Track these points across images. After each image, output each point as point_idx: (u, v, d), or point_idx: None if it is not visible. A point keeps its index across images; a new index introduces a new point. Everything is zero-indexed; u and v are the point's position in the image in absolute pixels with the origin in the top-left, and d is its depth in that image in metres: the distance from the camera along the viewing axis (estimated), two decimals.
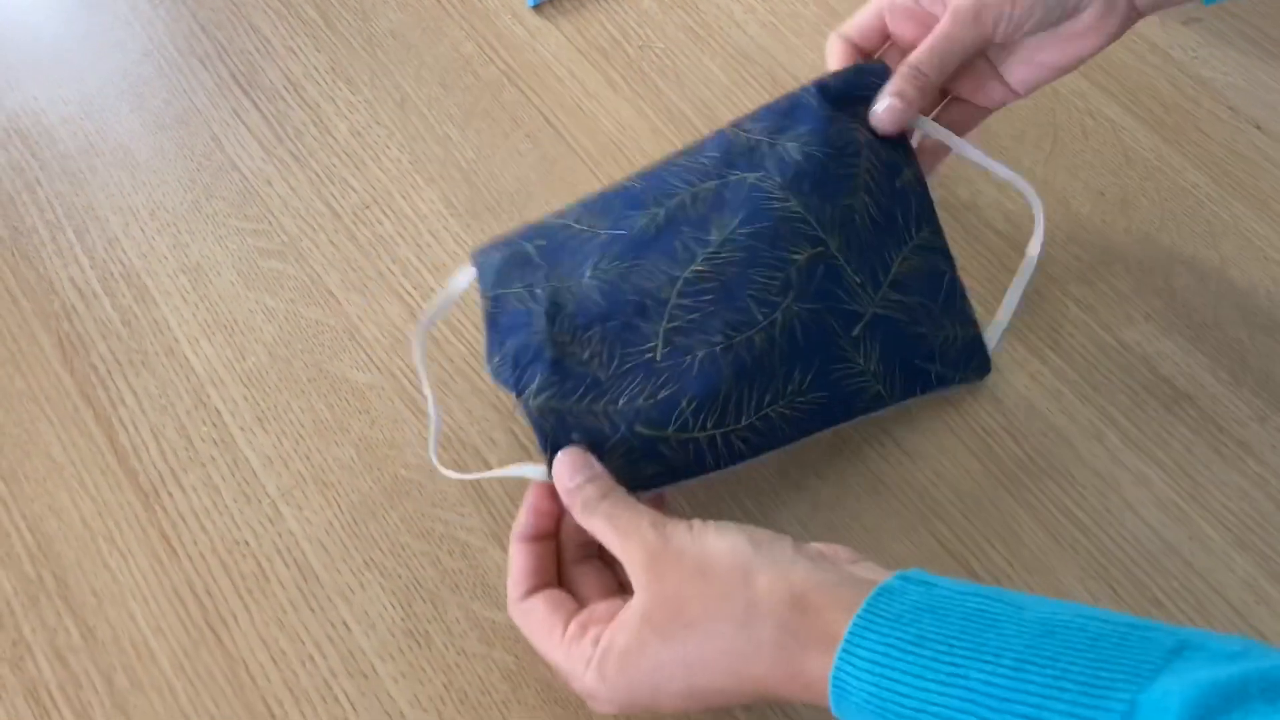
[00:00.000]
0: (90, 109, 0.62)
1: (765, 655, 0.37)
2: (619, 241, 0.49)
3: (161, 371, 0.53)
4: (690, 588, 0.39)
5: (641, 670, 0.39)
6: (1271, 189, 0.59)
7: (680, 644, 0.38)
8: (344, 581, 0.48)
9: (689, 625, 0.38)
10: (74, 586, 0.47)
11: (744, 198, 0.49)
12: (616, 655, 0.39)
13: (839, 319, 0.48)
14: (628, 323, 0.47)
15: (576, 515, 0.43)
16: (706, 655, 0.38)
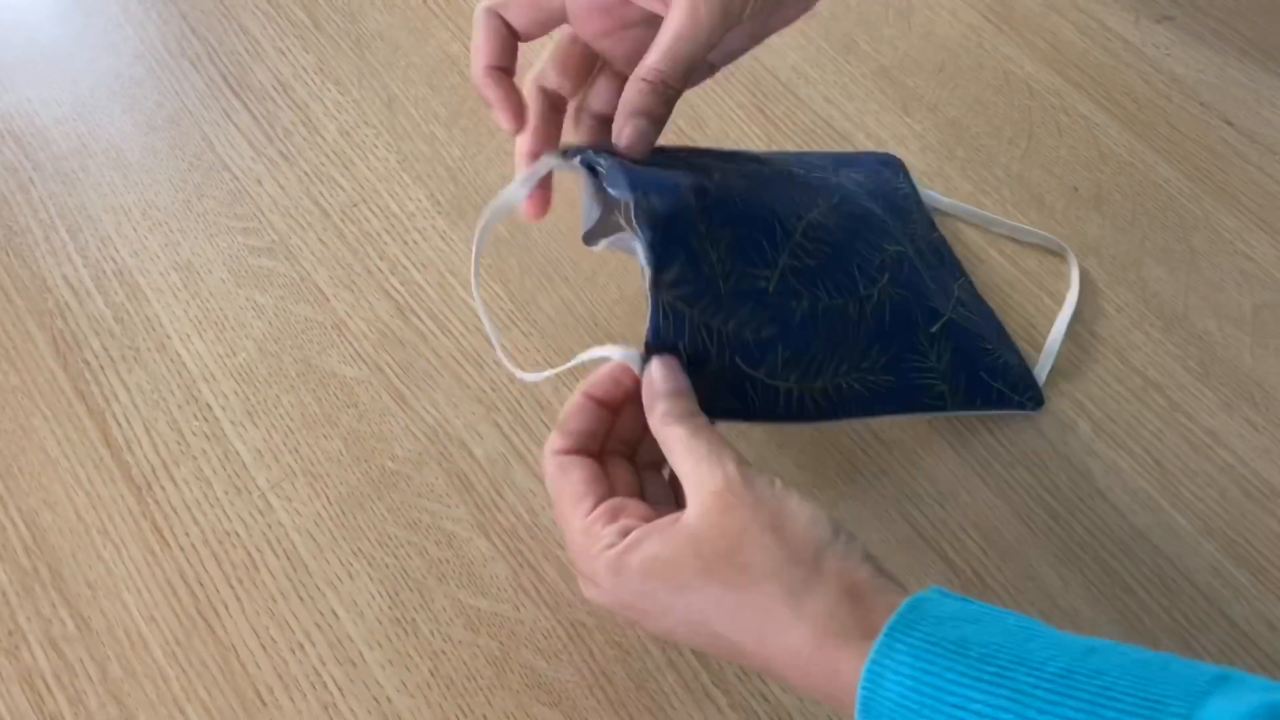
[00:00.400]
0: (83, 110, 0.63)
1: (804, 631, 0.35)
2: (735, 175, 0.47)
3: (153, 367, 0.54)
4: (757, 535, 0.36)
5: (665, 588, 0.37)
6: (1241, 184, 0.61)
7: (721, 584, 0.36)
8: (332, 571, 0.49)
9: (740, 569, 0.36)
10: (68, 578, 0.48)
11: (834, 187, 0.51)
12: (644, 559, 0.37)
13: (923, 312, 0.49)
14: (755, 238, 0.44)
15: (655, 419, 0.40)
16: (744, 606, 0.36)
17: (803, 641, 0.35)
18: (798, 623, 0.35)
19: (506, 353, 0.44)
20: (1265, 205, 0.60)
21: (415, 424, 0.52)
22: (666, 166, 0.45)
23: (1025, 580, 0.49)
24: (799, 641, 0.35)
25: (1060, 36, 0.67)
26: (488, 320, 0.46)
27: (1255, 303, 0.57)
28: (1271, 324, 0.56)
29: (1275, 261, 0.58)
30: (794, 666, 0.36)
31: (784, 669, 0.36)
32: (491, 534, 0.49)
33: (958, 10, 0.68)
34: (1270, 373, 0.54)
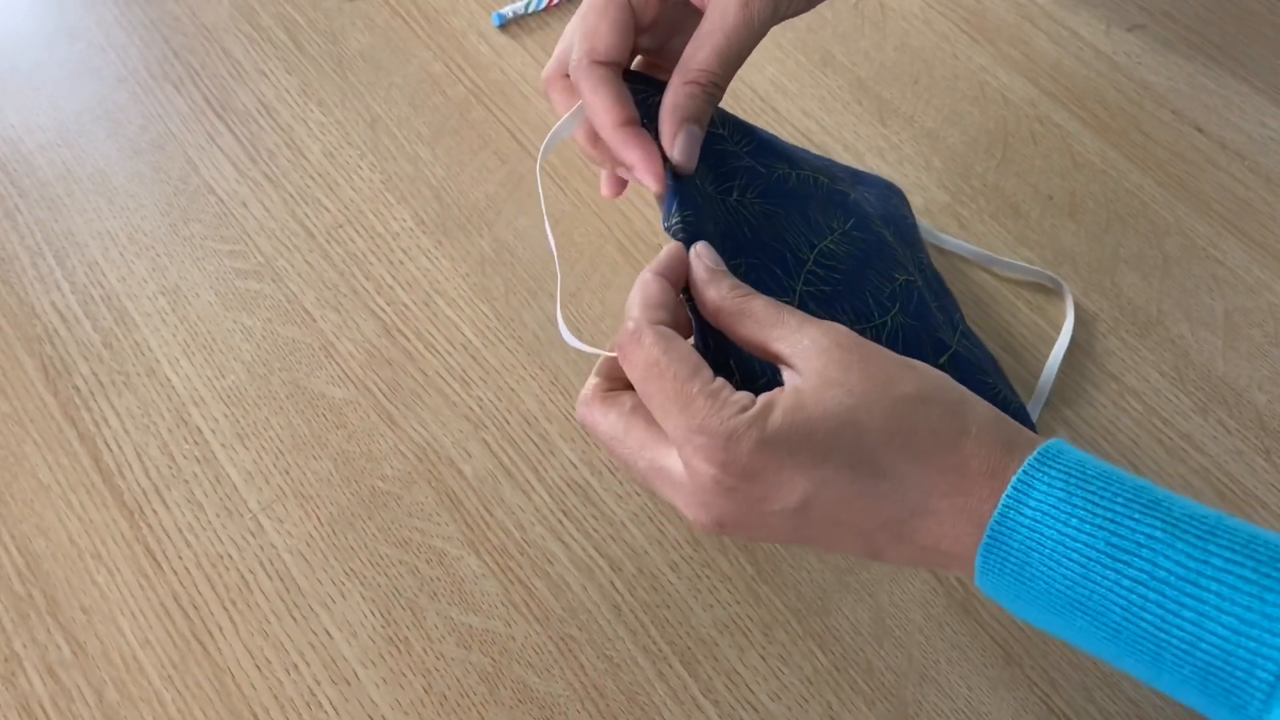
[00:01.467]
0: (67, 136, 0.63)
1: (972, 439, 0.34)
2: (761, 178, 0.47)
3: (143, 391, 0.55)
4: (899, 370, 0.35)
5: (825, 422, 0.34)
6: (1212, 190, 0.62)
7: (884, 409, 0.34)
8: (325, 591, 0.49)
9: (901, 398, 0.34)
10: (63, 603, 0.49)
11: (851, 207, 0.51)
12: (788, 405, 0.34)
13: (931, 343, 0.49)
14: (768, 268, 0.45)
15: (725, 294, 0.37)
16: (913, 426, 0.34)
17: (972, 452, 0.34)
18: (966, 436, 0.34)
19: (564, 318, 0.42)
20: (1235, 211, 0.61)
21: (404, 443, 0.53)
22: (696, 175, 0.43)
23: None
24: (969, 454, 0.34)
25: (1033, 46, 0.68)
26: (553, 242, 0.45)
27: (1226, 307, 0.58)
28: (1242, 328, 0.57)
29: (1245, 266, 0.59)
30: (959, 488, 0.33)
31: (943, 498, 0.34)
32: (482, 551, 0.50)
33: (932, 20, 0.69)
34: (1241, 375, 0.55)
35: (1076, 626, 0.32)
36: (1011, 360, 0.56)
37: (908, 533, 0.34)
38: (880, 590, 0.49)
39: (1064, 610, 0.32)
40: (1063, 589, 0.32)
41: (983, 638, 0.48)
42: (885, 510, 0.34)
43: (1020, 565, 0.32)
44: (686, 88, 0.41)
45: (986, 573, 0.33)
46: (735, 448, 0.34)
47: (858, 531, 0.35)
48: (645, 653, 0.48)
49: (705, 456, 0.34)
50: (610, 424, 0.38)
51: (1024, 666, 0.48)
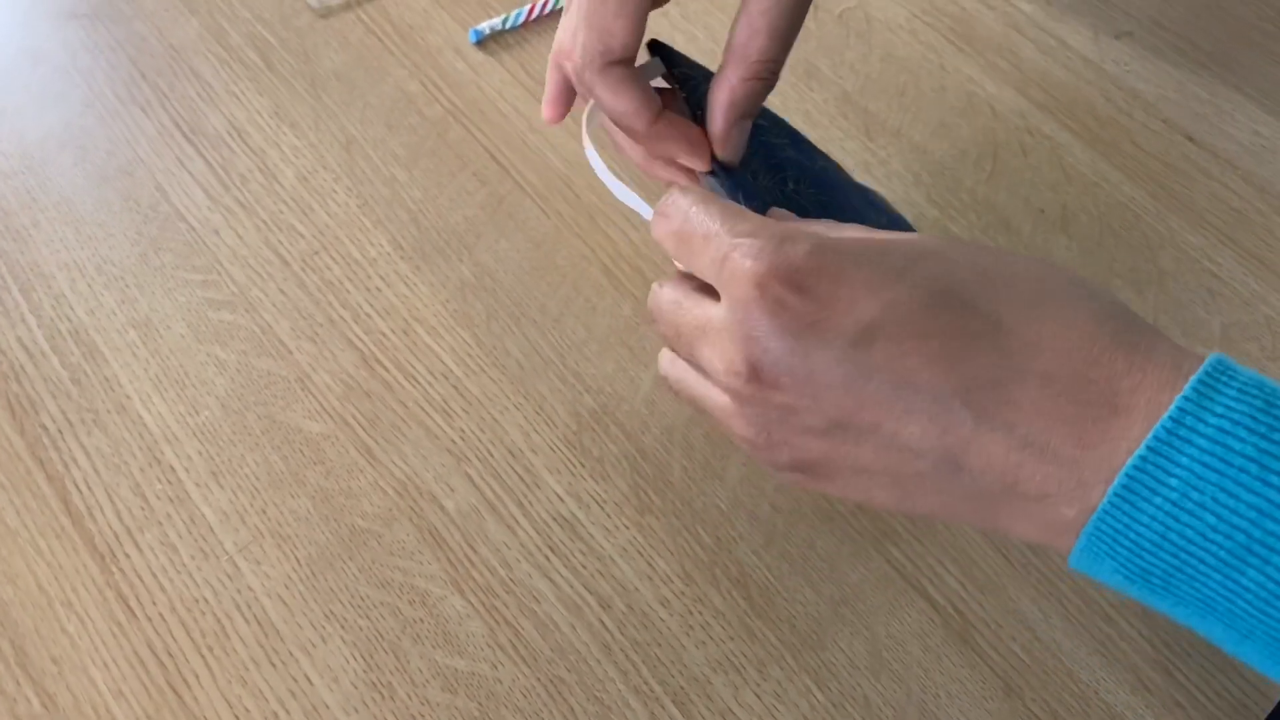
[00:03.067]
0: (31, 163, 0.62)
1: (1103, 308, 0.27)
2: (807, 170, 0.45)
3: (114, 430, 0.53)
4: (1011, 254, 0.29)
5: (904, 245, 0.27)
6: (1205, 201, 0.61)
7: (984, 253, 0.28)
8: (305, 636, 0.48)
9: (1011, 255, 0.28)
10: (32, 654, 0.47)
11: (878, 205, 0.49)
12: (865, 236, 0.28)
13: None
14: None
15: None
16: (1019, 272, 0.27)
17: (1101, 318, 0.26)
18: (1090, 300, 0.26)
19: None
20: (1229, 221, 0.60)
21: (384, 479, 0.51)
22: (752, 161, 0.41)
23: (1005, 614, 0.49)
24: (1093, 316, 0.26)
25: (1021, 55, 0.67)
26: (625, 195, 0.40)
27: (1223, 321, 0.57)
28: (1239, 342, 0.56)
29: (1240, 279, 0.58)
30: (1080, 348, 0.26)
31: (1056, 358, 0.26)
32: (466, 591, 0.49)
33: (918, 31, 0.68)
34: None
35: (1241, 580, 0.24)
36: None
37: (1003, 407, 0.26)
38: (876, 622, 0.48)
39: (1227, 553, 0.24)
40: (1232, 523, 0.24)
41: (982, 669, 0.47)
42: (972, 361, 0.26)
43: (1184, 493, 0.24)
44: (748, 83, 0.36)
45: (1128, 497, 0.25)
46: (789, 248, 0.27)
47: (931, 398, 0.26)
48: (637, 694, 0.46)
49: (752, 260, 0.28)
50: (668, 294, 0.33)
51: (1025, 698, 0.47)
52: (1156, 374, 0.25)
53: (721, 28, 0.68)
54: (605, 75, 0.37)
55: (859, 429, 0.27)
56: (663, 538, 0.50)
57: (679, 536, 0.50)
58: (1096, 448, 0.25)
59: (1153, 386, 0.25)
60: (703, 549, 0.50)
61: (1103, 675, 0.47)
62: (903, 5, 0.69)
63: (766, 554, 0.50)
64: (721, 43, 0.67)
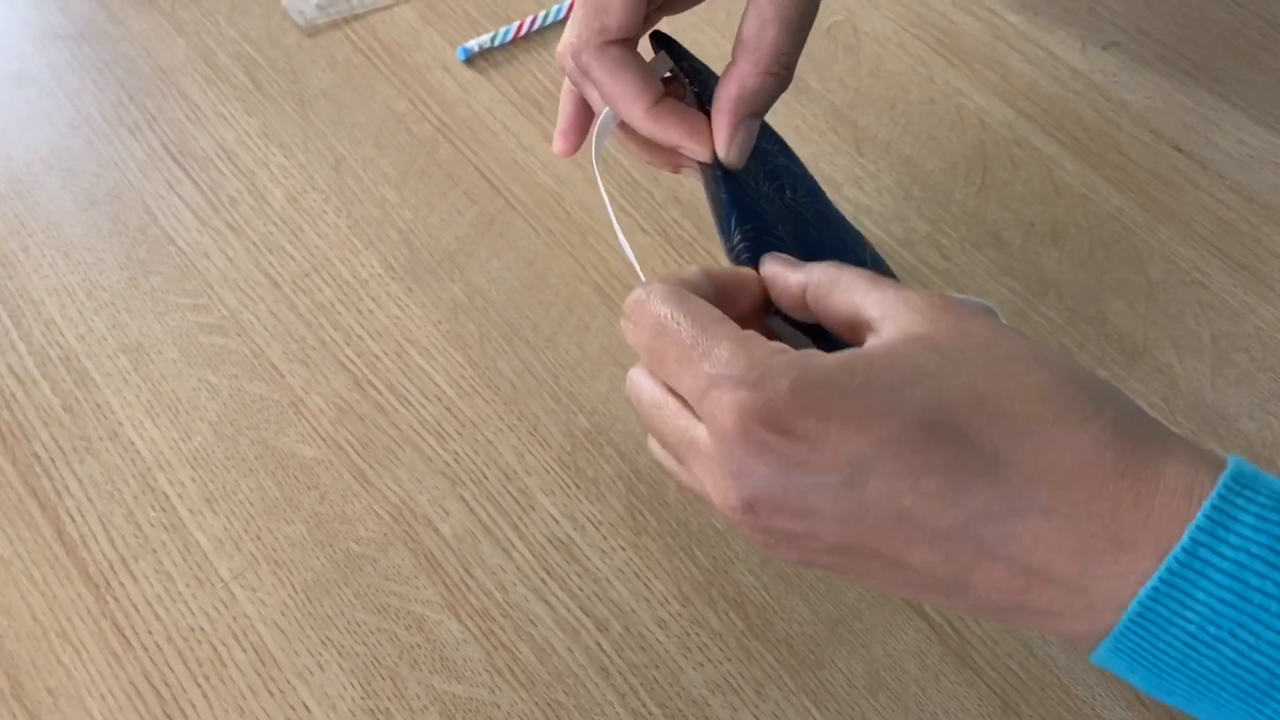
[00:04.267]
0: (19, 187, 0.61)
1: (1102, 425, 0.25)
2: (800, 178, 0.43)
3: (106, 457, 0.53)
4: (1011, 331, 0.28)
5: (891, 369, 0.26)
6: (1194, 211, 0.61)
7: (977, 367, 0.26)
8: (302, 663, 0.48)
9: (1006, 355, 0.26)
10: (28, 686, 0.47)
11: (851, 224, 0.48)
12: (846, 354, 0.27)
13: None
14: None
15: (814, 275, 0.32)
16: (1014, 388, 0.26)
17: (1104, 440, 0.25)
18: (1095, 417, 0.25)
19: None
20: (1218, 232, 0.60)
21: (378, 503, 0.51)
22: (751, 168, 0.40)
23: (1002, 632, 0.49)
24: (1096, 440, 0.25)
25: (1009, 67, 0.67)
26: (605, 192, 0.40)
27: (1213, 333, 0.57)
28: (1229, 354, 0.56)
29: (1230, 289, 0.58)
30: (1081, 481, 0.25)
31: (1056, 491, 0.25)
32: (462, 615, 0.49)
33: (906, 44, 0.68)
34: (1231, 404, 0.55)
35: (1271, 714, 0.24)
36: None
37: (1003, 541, 0.25)
38: (874, 641, 0.48)
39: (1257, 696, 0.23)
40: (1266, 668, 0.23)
41: (979, 686, 0.47)
42: (971, 496, 0.25)
43: (1201, 625, 0.23)
44: (762, 78, 0.35)
45: (1143, 625, 0.24)
46: (769, 387, 0.26)
47: (930, 533, 0.26)
48: (635, 717, 0.46)
49: (731, 401, 0.26)
50: (648, 395, 0.32)
51: (1022, 715, 0.47)
52: (1166, 503, 0.24)
53: (710, 43, 0.68)
54: (602, 55, 0.36)
55: (863, 552, 0.26)
56: (659, 559, 0.50)
57: (675, 557, 0.50)
58: (1104, 580, 0.25)
59: (1161, 518, 0.24)
60: (699, 570, 0.50)
61: (1099, 691, 0.47)
62: (890, 18, 0.69)
63: (763, 574, 0.50)
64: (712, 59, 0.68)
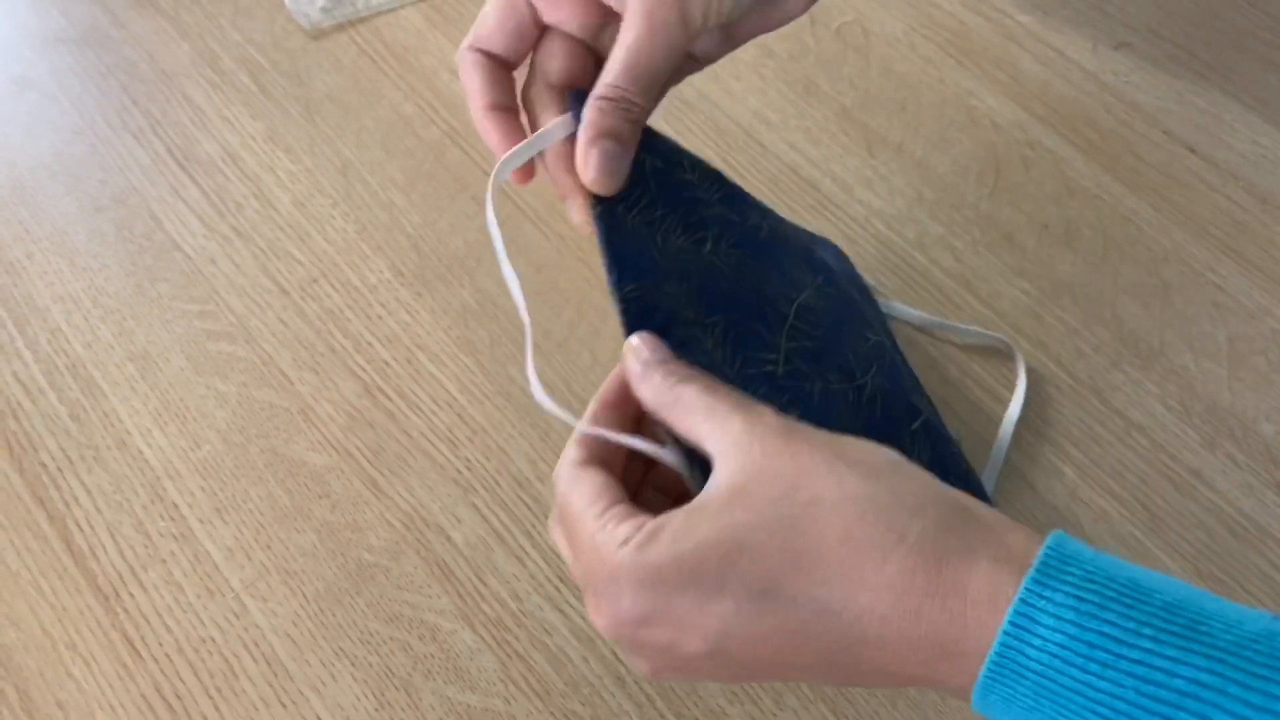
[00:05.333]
0: (23, 194, 0.61)
1: (906, 551, 0.28)
2: (734, 228, 0.44)
3: (114, 466, 0.52)
4: (820, 464, 0.30)
5: (709, 565, 0.29)
6: (1208, 212, 0.61)
7: (785, 531, 0.28)
8: (314, 674, 0.47)
9: (808, 504, 0.29)
10: (37, 699, 0.46)
11: (817, 263, 0.48)
12: (673, 539, 0.30)
13: (904, 408, 0.45)
14: (749, 324, 0.41)
15: (657, 385, 0.34)
16: (823, 549, 0.28)
17: (910, 567, 0.27)
18: (898, 546, 0.27)
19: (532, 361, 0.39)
20: (1233, 233, 0.60)
21: (390, 511, 0.51)
22: (664, 220, 0.41)
23: None
24: (904, 569, 0.27)
25: (1020, 68, 0.66)
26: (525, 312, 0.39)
27: (1229, 334, 0.57)
28: (1246, 356, 0.56)
29: (1246, 291, 0.58)
30: (898, 611, 0.27)
31: (882, 623, 0.28)
32: (476, 624, 0.48)
33: (916, 44, 0.68)
34: (1248, 406, 0.54)
35: None
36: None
37: (858, 664, 0.29)
38: None
39: None
40: None
41: None
42: (813, 645, 0.29)
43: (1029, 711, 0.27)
44: (595, 103, 0.38)
45: (989, 705, 0.28)
46: (617, 596, 0.30)
47: (802, 666, 0.30)
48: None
49: (594, 610, 0.32)
50: (560, 541, 0.35)
51: None
52: (975, 616, 0.27)
53: None
54: (463, 56, 0.40)
55: (758, 682, 0.32)
56: None
57: None
58: (951, 676, 0.28)
59: (973, 629, 0.27)
60: None
61: None
62: (900, 19, 0.69)
63: None
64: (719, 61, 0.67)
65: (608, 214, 0.39)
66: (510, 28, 0.40)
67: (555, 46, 0.41)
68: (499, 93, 0.41)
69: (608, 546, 0.31)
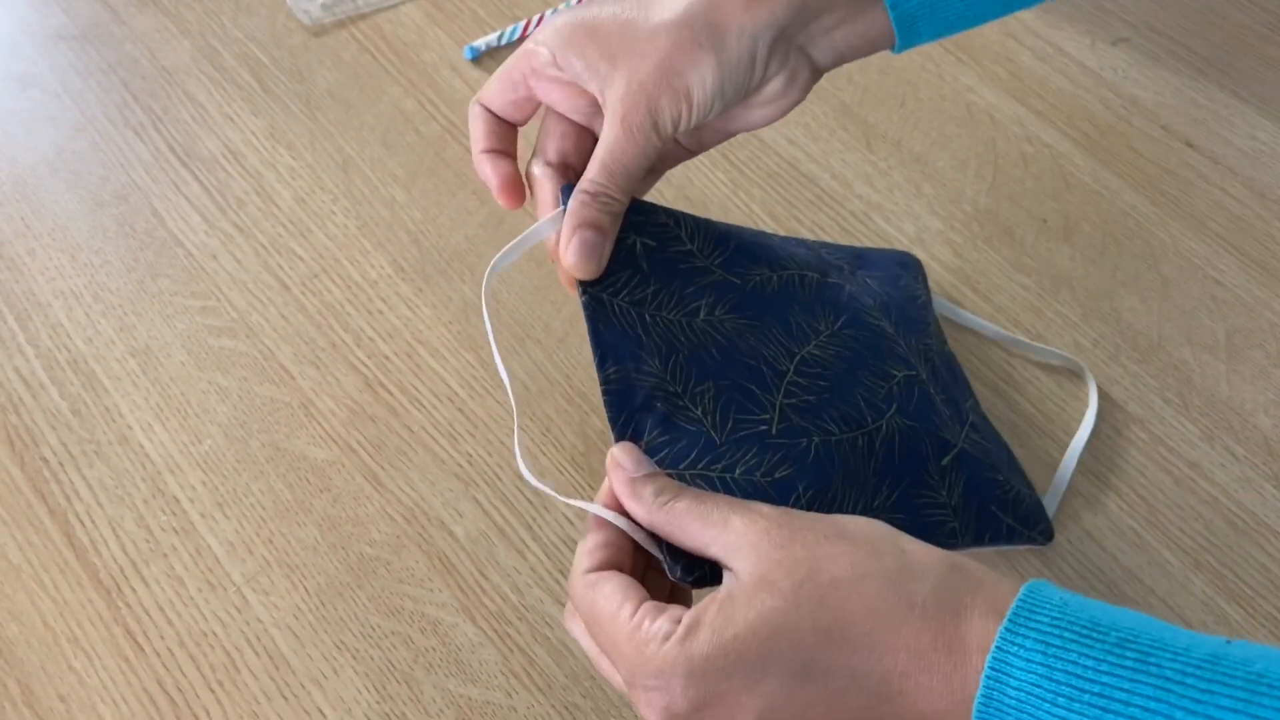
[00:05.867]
0: (24, 189, 0.61)
1: (918, 615, 0.32)
2: (734, 290, 0.46)
3: (116, 461, 0.52)
4: (830, 548, 0.34)
5: (752, 649, 0.33)
6: (1207, 207, 0.61)
7: (813, 609, 0.33)
8: (316, 667, 0.47)
9: (830, 586, 0.33)
10: (39, 692, 0.47)
11: (844, 303, 0.48)
12: (714, 630, 0.33)
13: (932, 443, 0.46)
14: (743, 386, 0.43)
15: (648, 505, 0.37)
16: (850, 619, 0.33)
17: (919, 630, 0.32)
18: (909, 611, 0.32)
19: (520, 447, 0.42)
20: (1231, 228, 0.60)
21: (391, 505, 0.51)
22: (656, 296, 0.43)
23: None
24: (915, 633, 0.32)
25: (1019, 63, 0.67)
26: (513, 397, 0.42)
27: (1228, 328, 0.57)
28: (1244, 349, 0.56)
29: (1244, 285, 0.58)
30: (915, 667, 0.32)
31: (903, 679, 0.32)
32: (478, 617, 0.48)
33: None
34: (1246, 399, 0.54)
35: None
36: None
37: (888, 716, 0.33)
38: None
39: None
40: None
41: None
42: (850, 706, 0.33)
43: None
44: (578, 195, 0.41)
45: None
46: (668, 688, 0.33)
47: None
48: None
49: (645, 703, 0.34)
50: (589, 645, 0.38)
51: None
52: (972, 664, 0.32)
53: None
54: (472, 107, 0.45)
55: None
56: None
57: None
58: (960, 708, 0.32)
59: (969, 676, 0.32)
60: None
61: None
62: None
63: None
64: None
65: (594, 300, 0.42)
66: (509, 99, 0.44)
67: (553, 125, 0.44)
68: (496, 141, 0.45)
69: (650, 644, 0.34)
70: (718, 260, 0.46)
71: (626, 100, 0.40)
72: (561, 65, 0.42)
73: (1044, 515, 0.50)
